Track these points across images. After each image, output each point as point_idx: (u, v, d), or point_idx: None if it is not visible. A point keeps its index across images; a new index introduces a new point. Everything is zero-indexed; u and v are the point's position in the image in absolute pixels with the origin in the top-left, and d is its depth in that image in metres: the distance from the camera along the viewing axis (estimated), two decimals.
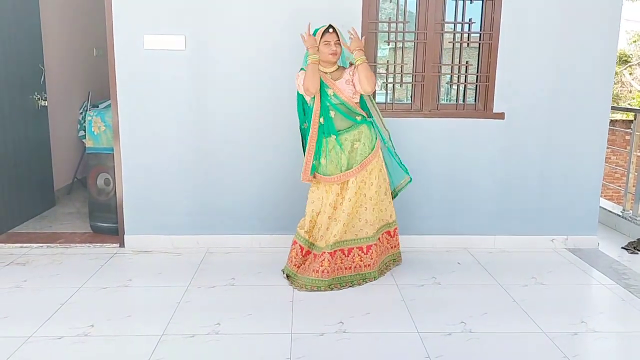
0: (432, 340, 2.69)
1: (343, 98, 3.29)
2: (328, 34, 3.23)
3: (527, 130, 3.97)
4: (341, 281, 3.33)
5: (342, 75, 3.33)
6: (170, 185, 3.94)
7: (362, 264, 3.38)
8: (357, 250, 3.37)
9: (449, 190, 4.03)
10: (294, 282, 3.33)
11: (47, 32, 4.97)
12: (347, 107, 3.31)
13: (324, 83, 3.30)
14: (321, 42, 3.23)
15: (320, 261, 3.27)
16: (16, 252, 3.89)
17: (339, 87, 3.30)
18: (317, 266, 3.28)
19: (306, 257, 3.41)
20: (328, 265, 3.26)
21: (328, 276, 3.26)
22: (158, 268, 3.62)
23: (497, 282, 3.45)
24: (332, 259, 3.28)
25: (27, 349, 2.54)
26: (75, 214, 4.84)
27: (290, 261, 3.43)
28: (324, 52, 3.24)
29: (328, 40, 3.22)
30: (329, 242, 3.29)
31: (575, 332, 2.80)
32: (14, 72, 4.33)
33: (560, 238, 4.13)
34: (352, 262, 3.37)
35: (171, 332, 2.72)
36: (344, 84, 3.31)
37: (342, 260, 3.35)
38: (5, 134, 4.22)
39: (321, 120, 3.31)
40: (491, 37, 3.86)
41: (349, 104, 3.31)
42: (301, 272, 3.34)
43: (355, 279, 3.37)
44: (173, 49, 3.75)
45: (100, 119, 4.15)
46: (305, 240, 3.42)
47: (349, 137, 3.31)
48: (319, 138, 3.32)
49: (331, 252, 3.27)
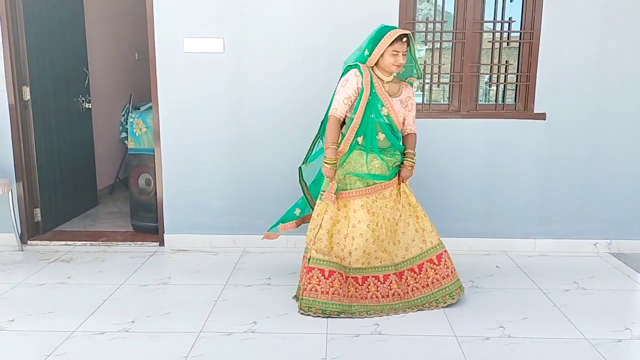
0: (470, 344, 2.64)
1: (395, 121, 2.95)
2: (400, 42, 2.81)
3: (569, 131, 3.87)
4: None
5: (399, 91, 2.97)
6: (208, 185, 4.00)
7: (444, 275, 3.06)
8: (428, 264, 3.06)
9: (488, 192, 3.97)
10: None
11: (91, 37, 5.13)
12: (394, 130, 2.97)
13: (378, 98, 2.89)
14: (388, 49, 2.81)
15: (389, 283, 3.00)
16: (61, 249, 4.02)
17: (395, 108, 2.95)
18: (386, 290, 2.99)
19: (347, 281, 2.98)
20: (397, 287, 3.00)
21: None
22: (196, 266, 3.68)
23: (537, 286, 3.37)
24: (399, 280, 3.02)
25: (70, 344, 2.62)
26: (117, 213, 4.97)
27: (315, 291, 2.90)
28: (387, 61, 2.84)
29: (397, 51, 2.81)
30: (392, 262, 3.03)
31: (619, 339, 2.71)
32: (60, 76, 4.49)
33: (604, 242, 4.00)
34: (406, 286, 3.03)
35: (208, 330, 2.76)
36: (400, 105, 2.98)
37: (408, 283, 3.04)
38: (51, 136, 4.37)
39: (359, 139, 2.92)
40: (532, 36, 3.78)
41: (397, 127, 2.98)
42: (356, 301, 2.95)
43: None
44: (212, 51, 3.81)
45: (142, 121, 4.25)
46: (331, 263, 2.95)
47: (387, 159, 2.97)
48: (348, 155, 2.95)
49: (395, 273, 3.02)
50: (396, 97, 2.96)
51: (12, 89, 3.93)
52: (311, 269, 2.93)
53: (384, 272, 3.01)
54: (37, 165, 4.18)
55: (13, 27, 3.91)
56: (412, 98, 3.04)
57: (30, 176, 4.16)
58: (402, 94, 2.99)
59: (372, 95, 2.89)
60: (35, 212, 4.23)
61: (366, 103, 2.88)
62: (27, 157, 4.10)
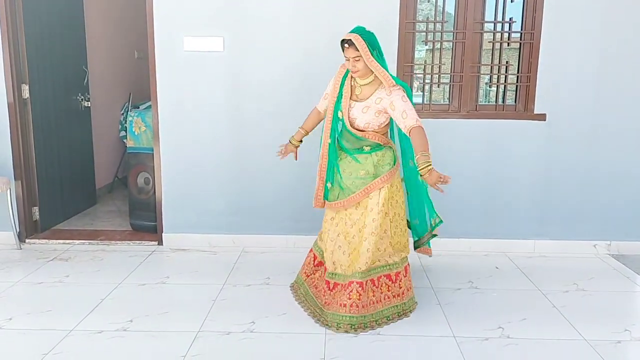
0: (469, 345, 2.64)
1: (349, 127, 2.80)
2: (345, 48, 2.70)
3: (569, 132, 3.86)
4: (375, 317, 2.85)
5: (370, 96, 2.78)
6: (207, 185, 3.99)
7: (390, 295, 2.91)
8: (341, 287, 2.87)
9: (487, 192, 3.96)
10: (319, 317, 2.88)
11: (91, 35, 5.12)
12: (353, 137, 2.83)
13: (340, 99, 2.84)
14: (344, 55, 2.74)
15: (349, 293, 2.79)
16: (59, 248, 4.01)
17: (352, 113, 2.81)
18: (345, 299, 2.79)
19: (317, 267, 3.13)
20: (358, 298, 2.77)
21: (357, 312, 2.76)
22: (195, 266, 3.67)
23: (536, 287, 3.37)
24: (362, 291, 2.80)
25: (68, 342, 2.61)
26: (116, 212, 4.96)
27: (303, 268, 3.22)
28: (346, 65, 2.81)
29: (346, 57, 2.71)
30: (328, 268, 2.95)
31: (619, 341, 2.70)
32: (59, 74, 4.48)
33: (603, 243, 4.00)
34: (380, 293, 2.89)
35: (207, 329, 2.75)
36: (360, 110, 2.79)
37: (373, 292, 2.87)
38: (50, 134, 4.36)
39: (329, 140, 2.90)
40: (532, 36, 3.78)
41: (355, 134, 2.81)
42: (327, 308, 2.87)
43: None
44: (212, 50, 3.81)
45: (141, 120, 4.24)
46: (320, 251, 3.12)
47: (353, 161, 2.88)
48: (330, 158, 2.93)
49: (327, 280, 2.94)
50: (361, 102, 2.80)
51: (11, 87, 3.92)
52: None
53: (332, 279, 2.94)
54: (35, 164, 4.17)
55: (12, 25, 3.90)
56: (388, 96, 2.71)
57: (28, 174, 4.15)
58: (370, 98, 2.78)
59: (339, 95, 2.87)
60: (33, 210, 4.22)
61: (334, 103, 2.88)
62: (25, 155, 4.10)
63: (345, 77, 2.88)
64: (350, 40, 2.67)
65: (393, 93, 2.71)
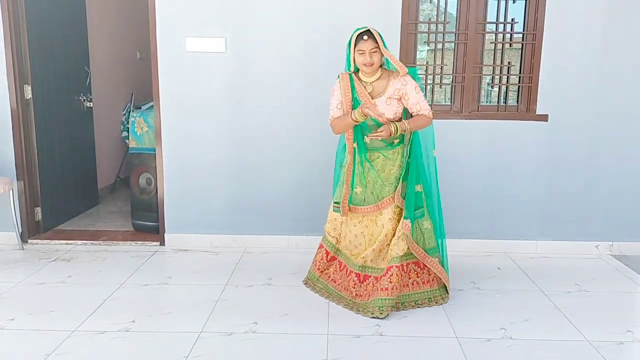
0: (471, 345, 2.64)
1: (381, 122, 2.84)
2: (362, 41, 2.78)
3: (571, 133, 3.86)
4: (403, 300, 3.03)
5: (386, 89, 2.88)
6: (210, 185, 4.00)
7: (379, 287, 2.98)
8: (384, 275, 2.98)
9: (489, 193, 3.96)
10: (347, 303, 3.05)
11: (93, 36, 5.13)
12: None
13: (359, 101, 2.89)
14: (356, 50, 2.81)
15: (389, 277, 2.93)
16: (61, 248, 4.01)
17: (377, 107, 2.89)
18: (386, 283, 2.93)
19: (330, 262, 3.23)
20: (397, 280, 2.92)
21: (395, 294, 2.92)
22: (197, 266, 3.68)
23: (538, 288, 3.37)
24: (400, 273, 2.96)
25: (71, 343, 2.61)
26: (118, 213, 4.97)
27: (315, 265, 3.28)
28: (358, 62, 2.84)
29: (362, 50, 2.78)
30: (357, 262, 3.07)
31: (621, 342, 2.70)
32: (61, 75, 4.49)
33: (605, 244, 4.00)
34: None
35: (209, 330, 2.76)
36: (384, 104, 2.88)
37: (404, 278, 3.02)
38: (52, 135, 4.37)
39: (355, 145, 2.97)
40: (534, 37, 3.78)
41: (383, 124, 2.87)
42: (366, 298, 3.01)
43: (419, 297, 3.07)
44: (214, 51, 3.81)
45: (143, 120, 4.24)
46: (332, 245, 3.22)
47: (381, 157, 2.97)
48: (354, 163, 3.01)
49: (357, 273, 3.07)
50: (381, 97, 2.90)
51: (13, 88, 3.93)
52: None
53: (346, 262, 3.17)
54: (38, 164, 4.18)
55: (15, 26, 3.91)
56: (404, 87, 2.87)
57: (31, 175, 4.15)
58: (388, 90, 2.89)
59: (354, 100, 2.92)
60: (36, 210, 4.22)
61: (351, 108, 2.92)
62: (28, 155, 4.10)
63: (352, 82, 2.93)
64: (369, 32, 2.79)
65: (408, 84, 2.88)
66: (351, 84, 2.92)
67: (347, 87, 2.92)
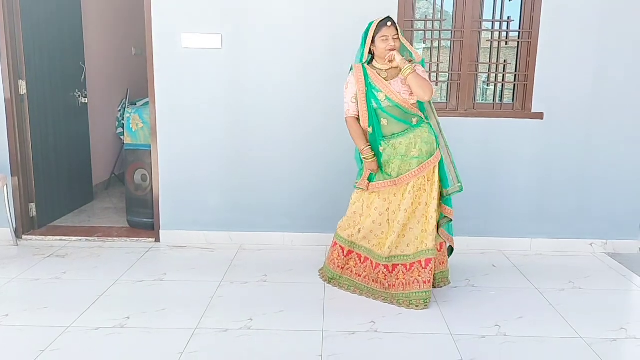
0: (466, 342, 2.65)
1: (397, 101, 2.95)
2: (386, 27, 2.92)
3: (566, 130, 3.88)
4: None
5: (399, 72, 2.99)
6: (205, 182, 3.99)
7: (420, 280, 3.02)
8: (417, 265, 3.03)
9: (484, 191, 3.97)
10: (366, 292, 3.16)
11: (88, 31, 5.10)
12: (402, 110, 2.98)
13: (373, 86, 2.98)
14: (378, 37, 2.93)
15: (429, 270, 3.00)
16: (56, 244, 4.00)
17: (393, 89, 2.96)
18: (427, 276, 3.00)
19: (348, 256, 3.23)
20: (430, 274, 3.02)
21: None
22: (192, 263, 3.67)
23: (533, 285, 3.38)
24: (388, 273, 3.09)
25: (66, 339, 2.61)
26: (113, 209, 4.96)
27: (333, 263, 3.27)
28: (380, 49, 2.94)
29: (386, 35, 2.92)
30: (383, 253, 3.08)
31: (614, 339, 2.72)
32: (56, 70, 4.46)
33: (599, 242, 4.02)
34: (411, 277, 3.04)
35: (204, 327, 2.76)
36: (400, 84, 2.98)
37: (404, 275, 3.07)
38: (47, 130, 4.35)
39: (370, 129, 3.03)
40: (530, 35, 3.79)
41: (404, 106, 2.97)
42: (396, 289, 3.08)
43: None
44: (210, 47, 3.80)
45: (139, 116, 4.23)
46: (345, 240, 3.22)
47: (404, 142, 2.98)
48: (372, 146, 3.05)
49: (385, 264, 3.09)
50: (395, 79, 3.00)
51: (8, 83, 3.91)
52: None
53: (368, 255, 3.17)
54: (32, 160, 4.16)
55: (10, 21, 3.89)
56: (415, 69, 2.96)
57: (25, 171, 4.13)
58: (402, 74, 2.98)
59: (367, 86, 3.01)
60: (30, 206, 4.21)
61: (365, 94, 3.01)
62: (22, 151, 4.08)
63: (365, 70, 3.03)
64: (392, 19, 2.95)
65: (417, 68, 2.99)
66: (364, 73, 3.02)
67: (360, 75, 3.02)
